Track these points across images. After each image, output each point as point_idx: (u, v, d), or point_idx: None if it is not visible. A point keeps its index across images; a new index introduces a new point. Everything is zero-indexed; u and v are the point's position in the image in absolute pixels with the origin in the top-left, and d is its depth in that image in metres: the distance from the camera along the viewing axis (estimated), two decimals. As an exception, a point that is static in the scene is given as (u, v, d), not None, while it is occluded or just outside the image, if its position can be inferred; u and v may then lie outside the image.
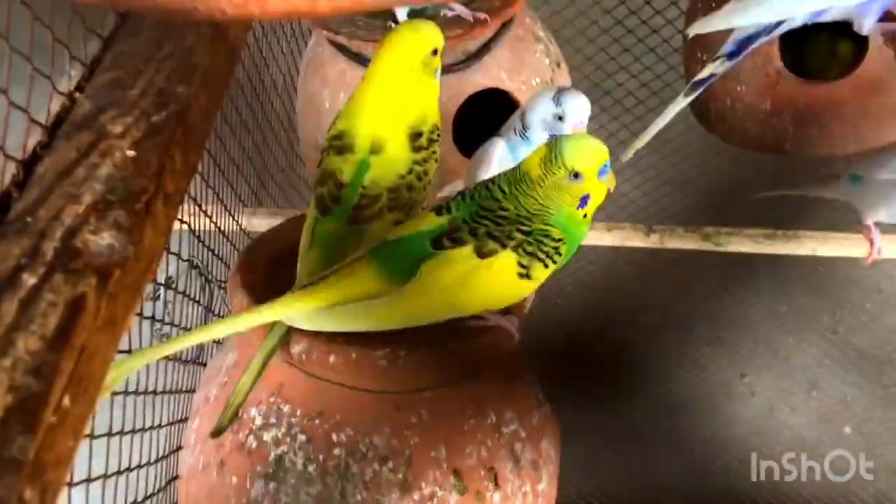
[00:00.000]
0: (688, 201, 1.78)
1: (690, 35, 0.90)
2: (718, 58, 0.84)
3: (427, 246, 0.60)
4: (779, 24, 0.80)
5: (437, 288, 0.59)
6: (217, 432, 0.62)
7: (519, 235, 0.59)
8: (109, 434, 0.67)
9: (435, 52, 0.68)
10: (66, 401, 0.34)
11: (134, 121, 0.45)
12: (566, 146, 0.58)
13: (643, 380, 2.16)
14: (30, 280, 0.36)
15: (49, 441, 0.32)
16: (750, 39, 0.82)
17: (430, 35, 0.68)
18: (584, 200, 0.59)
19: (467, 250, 0.59)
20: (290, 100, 1.28)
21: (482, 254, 0.59)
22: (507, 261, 0.59)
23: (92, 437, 0.66)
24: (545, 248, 0.59)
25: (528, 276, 0.60)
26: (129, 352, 0.55)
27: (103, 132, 0.44)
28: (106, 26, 0.53)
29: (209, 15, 0.25)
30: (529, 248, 0.59)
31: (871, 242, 1.07)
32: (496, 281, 0.60)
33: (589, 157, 0.58)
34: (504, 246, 0.59)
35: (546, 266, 0.60)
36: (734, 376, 2.15)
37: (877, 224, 1.07)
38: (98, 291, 0.37)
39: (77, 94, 0.48)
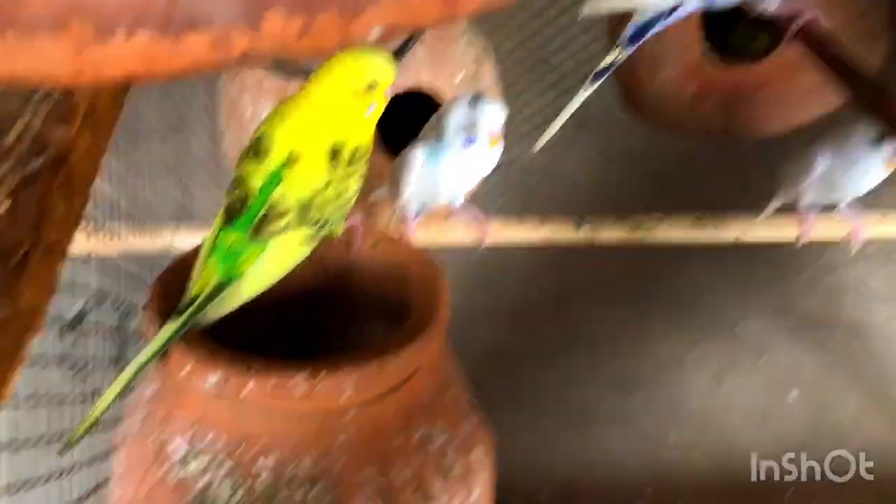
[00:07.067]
0: (620, 184, 1.78)
1: (581, 16, 0.90)
2: (618, 46, 0.84)
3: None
4: (673, 9, 0.80)
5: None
6: (64, 448, 0.62)
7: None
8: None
9: (373, 85, 0.64)
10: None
11: (9, 169, 0.43)
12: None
13: (594, 357, 2.17)
14: None
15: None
16: (647, 26, 0.82)
17: (369, 67, 0.64)
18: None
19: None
20: (211, 102, 1.24)
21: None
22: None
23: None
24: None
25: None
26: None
27: (-25, 185, 0.42)
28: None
29: (43, 83, 0.23)
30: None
31: (803, 223, 1.07)
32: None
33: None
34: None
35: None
36: (684, 348, 2.17)
37: (812, 205, 1.07)
38: (-34, 363, 0.36)
39: (-51, 143, 0.45)
